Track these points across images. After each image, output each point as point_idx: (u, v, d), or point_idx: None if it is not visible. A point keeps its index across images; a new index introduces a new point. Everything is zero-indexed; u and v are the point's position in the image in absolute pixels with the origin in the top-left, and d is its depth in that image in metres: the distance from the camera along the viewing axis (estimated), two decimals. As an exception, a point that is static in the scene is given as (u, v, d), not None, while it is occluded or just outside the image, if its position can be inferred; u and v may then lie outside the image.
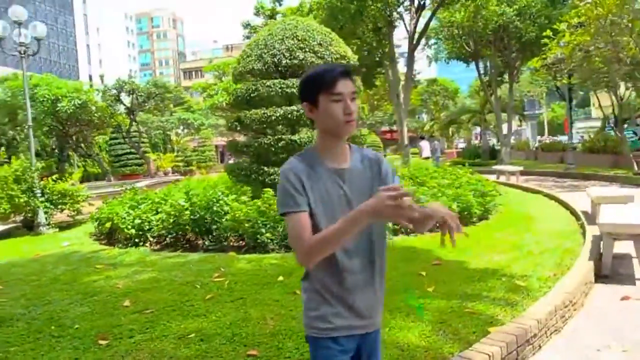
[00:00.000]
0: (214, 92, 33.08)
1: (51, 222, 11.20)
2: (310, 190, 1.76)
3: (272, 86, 8.96)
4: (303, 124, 9.58)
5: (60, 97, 23.30)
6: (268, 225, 6.87)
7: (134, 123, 29.57)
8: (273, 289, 4.96)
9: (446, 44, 23.93)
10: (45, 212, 11.11)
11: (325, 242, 1.66)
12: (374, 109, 37.56)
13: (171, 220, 7.48)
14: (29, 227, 11.24)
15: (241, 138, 10.73)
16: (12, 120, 27.13)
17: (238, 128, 9.66)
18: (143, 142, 35.72)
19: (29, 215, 11.24)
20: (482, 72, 24.28)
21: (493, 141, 30.89)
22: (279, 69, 9.30)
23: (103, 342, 3.85)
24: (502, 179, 15.89)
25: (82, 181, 30.92)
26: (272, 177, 8.76)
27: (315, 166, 1.80)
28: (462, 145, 41.01)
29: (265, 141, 9.04)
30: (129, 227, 7.72)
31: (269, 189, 7.46)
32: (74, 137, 28.41)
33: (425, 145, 22.09)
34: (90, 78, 59.31)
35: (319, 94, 1.76)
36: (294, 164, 1.80)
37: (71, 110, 23.45)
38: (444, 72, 54.90)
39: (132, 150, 32.80)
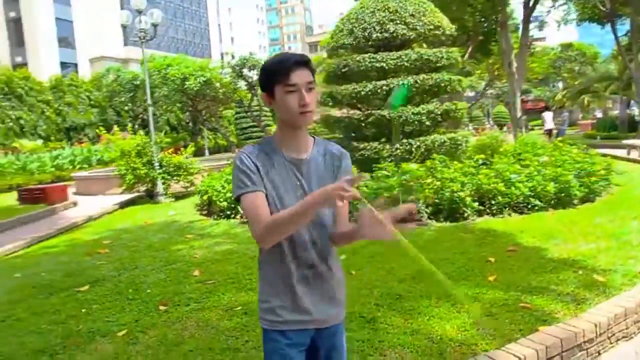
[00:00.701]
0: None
1: (168, 192, 12.32)
2: (266, 177, 1.74)
3: (362, 61, 8.84)
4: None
5: (187, 76, 25.17)
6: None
7: (254, 98, 30.99)
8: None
9: (576, 5, 21.41)
10: (163, 183, 12.24)
11: (281, 223, 1.63)
12: (496, 79, 35.13)
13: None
14: (151, 196, 12.48)
15: (337, 112, 10.77)
16: (150, 98, 29.93)
17: (330, 103, 9.71)
18: (265, 116, 37.45)
19: (150, 185, 12.47)
20: (619, 34, 21.40)
21: (635, 111, 27.38)
22: (370, 42, 9.12)
23: (162, 308, 4.21)
24: (635, 154, 14.10)
25: (211, 152, 33.66)
26: (361, 152, 8.72)
27: (272, 155, 1.77)
28: (600, 116, 36.93)
29: (355, 116, 8.99)
30: (222, 199, 8.22)
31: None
32: (203, 112, 30.62)
33: (548, 116, 20.30)
34: (222, 56, 63.21)
35: (274, 85, 1.72)
36: (249, 150, 1.79)
37: (197, 87, 25.24)
38: (585, 35, 49.53)
39: (255, 123, 34.52)
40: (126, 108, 31.82)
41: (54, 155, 23.07)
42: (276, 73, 1.71)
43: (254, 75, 30.94)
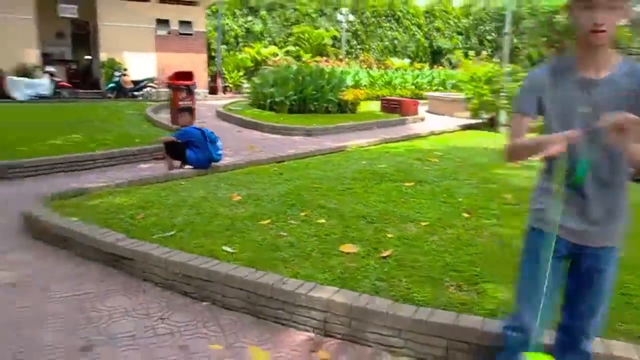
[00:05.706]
0: None
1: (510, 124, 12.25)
2: (549, 95, 1.83)
3: None
4: None
5: (559, 9, 23.22)
6: None
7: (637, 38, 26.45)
8: None
9: None
10: (508, 114, 12.23)
11: (522, 150, 1.86)
12: None
13: None
14: (492, 124, 12.65)
15: None
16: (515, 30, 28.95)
17: None
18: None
19: (493, 114, 12.60)
20: None
21: None
22: None
23: (465, 215, 4.58)
24: None
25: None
26: None
27: (565, 73, 1.81)
28: None
29: None
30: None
31: None
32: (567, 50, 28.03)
33: None
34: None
35: None
36: (540, 69, 1.92)
37: (567, 23, 23.09)
38: None
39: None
40: (489, 37, 31.72)
41: (415, 74, 25.29)
42: None
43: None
